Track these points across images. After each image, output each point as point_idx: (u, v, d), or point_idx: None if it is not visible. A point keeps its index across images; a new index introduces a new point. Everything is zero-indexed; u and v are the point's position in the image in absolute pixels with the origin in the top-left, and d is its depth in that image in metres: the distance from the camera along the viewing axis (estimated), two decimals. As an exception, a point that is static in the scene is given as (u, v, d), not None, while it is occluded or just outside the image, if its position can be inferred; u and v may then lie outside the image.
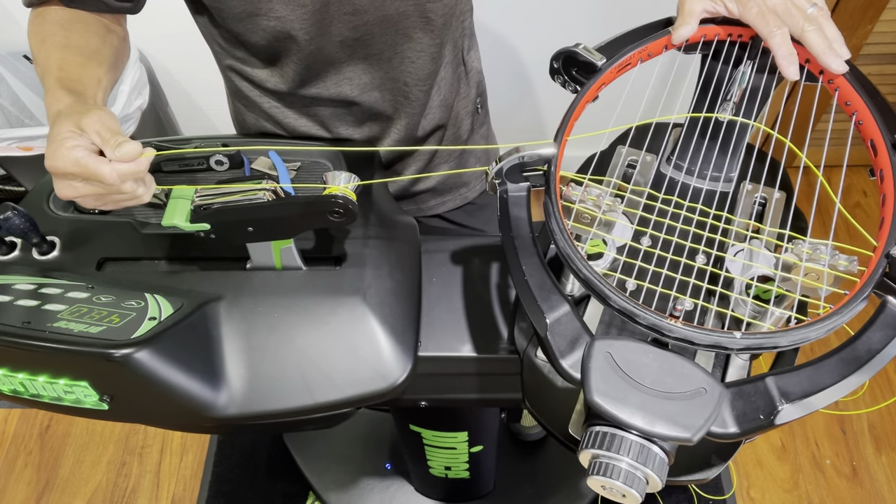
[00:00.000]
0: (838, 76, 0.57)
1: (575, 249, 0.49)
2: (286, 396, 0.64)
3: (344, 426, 0.80)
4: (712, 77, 0.63)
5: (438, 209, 1.03)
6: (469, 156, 1.01)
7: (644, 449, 0.44)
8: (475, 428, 1.06)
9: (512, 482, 1.39)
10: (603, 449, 0.44)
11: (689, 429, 0.43)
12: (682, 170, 0.69)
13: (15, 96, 1.83)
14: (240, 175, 0.80)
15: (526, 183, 0.56)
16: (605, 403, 0.44)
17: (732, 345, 0.45)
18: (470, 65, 0.92)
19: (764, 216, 0.67)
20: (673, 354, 0.46)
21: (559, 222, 0.51)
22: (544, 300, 0.49)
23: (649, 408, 0.43)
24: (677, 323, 0.46)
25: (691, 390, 0.44)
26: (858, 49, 1.74)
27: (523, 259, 0.52)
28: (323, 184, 0.65)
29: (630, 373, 0.45)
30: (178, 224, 0.62)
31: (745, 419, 0.44)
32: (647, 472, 0.43)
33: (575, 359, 0.47)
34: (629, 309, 0.47)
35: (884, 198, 0.53)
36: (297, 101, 0.83)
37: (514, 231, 0.53)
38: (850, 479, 1.56)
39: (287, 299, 0.66)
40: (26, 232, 0.66)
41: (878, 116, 0.56)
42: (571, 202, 0.56)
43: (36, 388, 0.63)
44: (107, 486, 1.59)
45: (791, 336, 0.45)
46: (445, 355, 0.72)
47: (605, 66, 0.60)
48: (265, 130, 0.89)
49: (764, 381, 0.45)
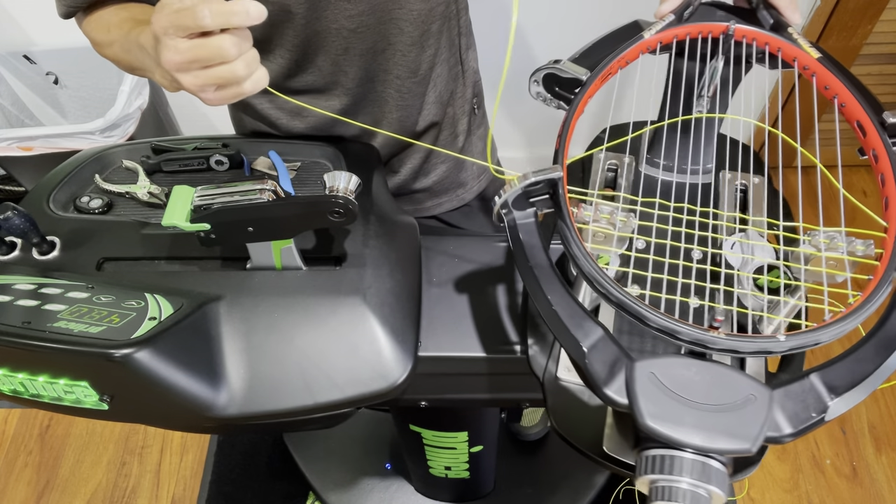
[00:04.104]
0: (813, 62, 0.58)
1: (603, 273, 0.48)
2: (286, 396, 0.64)
3: (344, 426, 0.80)
4: (683, 74, 0.64)
5: (435, 210, 1.03)
6: (465, 156, 1.00)
7: (703, 466, 0.42)
8: (475, 428, 1.06)
9: (512, 482, 1.39)
10: (661, 473, 0.43)
11: (748, 439, 0.42)
12: (662, 167, 0.70)
13: (15, 96, 1.83)
14: (240, 175, 0.80)
15: (532, 209, 0.54)
16: (661, 427, 0.42)
17: (777, 348, 0.45)
18: (467, 64, 0.91)
19: (747, 202, 0.68)
20: (715, 365, 0.45)
21: (580, 247, 0.49)
22: (577, 328, 0.47)
23: (704, 424, 0.42)
24: (721, 334, 0.45)
25: (741, 399, 0.43)
26: (858, 49, 1.74)
27: (547, 289, 0.50)
28: (323, 184, 0.65)
29: (678, 391, 0.44)
30: (178, 224, 0.62)
31: (797, 419, 0.44)
32: (709, 488, 0.42)
33: (618, 384, 0.45)
34: (669, 327, 0.45)
35: (882, 178, 0.53)
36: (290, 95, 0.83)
37: (530, 260, 0.51)
38: (850, 479, 1.56)
39: (287, 299, 0.66)
40: (26, 232, 0.66)
41: (859, 97, 0.56)
42: (585, 223, 0.54)
43: (36, 388, 0.63)
44: (107, 486, 1.59)
45: (831, 331, 0.45)
46: (445, 355, 0.72)
47: (590, 80, 0.59)
48: (260, 130, 0.89)
49: (808, 379, 0.45)
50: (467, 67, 0.92)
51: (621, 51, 0.60)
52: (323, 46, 0.76)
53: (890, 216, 0.51)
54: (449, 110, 0.92)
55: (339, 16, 0.72)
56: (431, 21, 0.78)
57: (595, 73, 0.60)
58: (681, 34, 0.62)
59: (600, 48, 0.63)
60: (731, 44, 0.62)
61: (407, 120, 0.87)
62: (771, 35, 0.60)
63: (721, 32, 0.62)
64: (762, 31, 0.61)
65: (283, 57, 0.77)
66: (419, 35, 0.78)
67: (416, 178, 0.97)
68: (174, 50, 0.52)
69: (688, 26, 0.62)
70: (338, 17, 0.73)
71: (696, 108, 0.66)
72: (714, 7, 0.64)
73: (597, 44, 0.64)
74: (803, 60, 0.59)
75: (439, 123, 0.92)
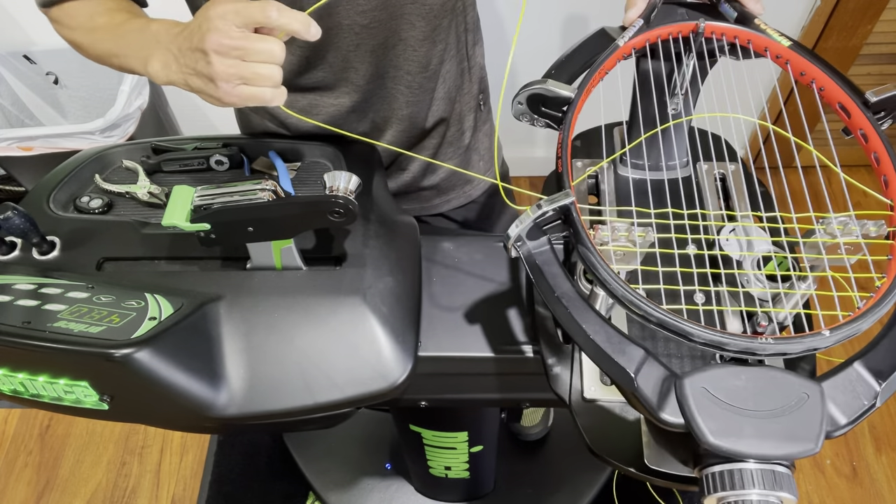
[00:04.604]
0: (785, 50, 0.59)
1: (638, 294, 0.46)
2: (286, 396, 0.64)
3: (344, 426, 0.80)
4: (656, 74, 0.64)
5: (442, 207, 1.03)
6: (473, 153, 1.00)
7: (768, 473, 0.42)
8: (475, 428, 1.06)
9: (512, 482, 1.39)
10: (729, 489, 0.42)
11: (811, 439, 0.41)
12: (638, 167, 0.71)
13: (15, 96, 1.83)
14: (240, 175, 0.80)
15: (545, 237, 0.53)
16: (725, 443, 0.41)
17: (824, 343, 0.44)
18: (473, 60, 0.92)
19: (728, 190, 0.70)
20: (761, 369, 0.45)
21: (610, 272, 0.47)
22: (620, 354, 0.46)
23: (766, 432, 0.42)
24: (769, 339, 0.44)
25: (795, 400, 0.43)
26: (858, 49, 1.74)
27: (580, 318, 0.48)
28: (323, 184, 0.65)
29: (733, 402, 0.43)
30: (178, 224, 0.62)
31: (851, 409, 0.43)
32: (780, 495, 0.42)
33: (672, 405, 0.44)
34: (716, 340, 0.44)
35: (877, 157, 0.53)
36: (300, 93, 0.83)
37: (556, 290, 0.50)
38: (850, 479, 1.56)
39: (287, 299, 0.66)
40: (26, 232, 0.66)
41: (836, 79, 0.56)
42: (604, 243, 0.53)
43: (36, 388, 0.63)
44: (107, 486, 1.59)
45: (869, 317, 0.45)
46: (445, 355, 0.72)
47: (577, 97, 0.59)
48: (268, 129, 0.89)
49: (853, 367, 0.45)
50: (474, 63, 0.92)
51: (601, 62, 0.60)
52: (334, 42, 0.76)
53: (892, 193, 0.51)
54: (456, 106, 0.92)
55: (351, 11, 0.72)
56: (443, 16, 0.78)
57: (581, 88, 0.59)
58: (652, 37, 0.62)
59: (574, 61, 0.63)
60: (702, 41, 0.62)
61: (416, 116, 0.87)
62: (739, 28, 0.61)
63: (690, 31, 0.62)
64: (731, 25, 0.62)
65: (293, 53, 0.77)
66: (430, 30, 0.78)
67: (424, 174, 0.97)
68: (224, 33, 0.53)
69: (658, 29, 0.62)
70: (350, 13, 0.73)
71: (670, 107, 0.67)
72: (675, 5, 0.65)
73: (569, 57, 0.64)
74: (775, 49, 0.59)
75: (447, 119, 0.92)
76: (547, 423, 1.46)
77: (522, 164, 2.04)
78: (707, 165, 0.72)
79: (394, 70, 0.81)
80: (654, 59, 0.64)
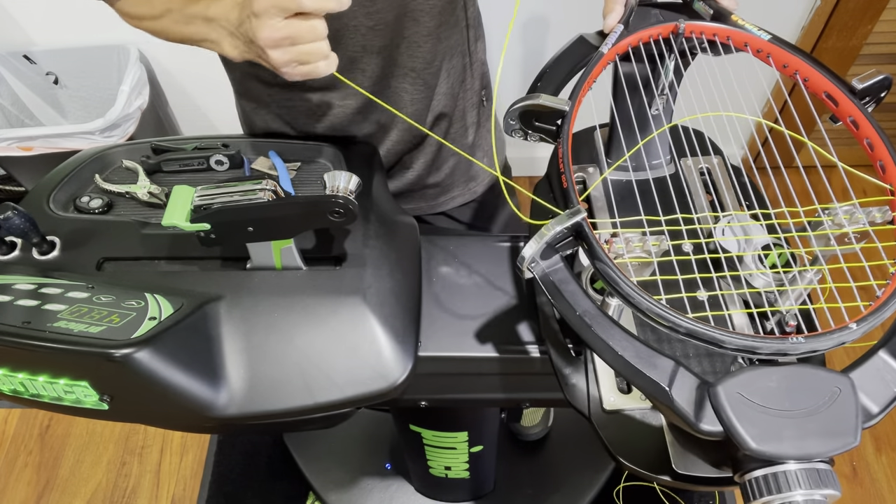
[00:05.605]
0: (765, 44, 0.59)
1: (664, 307, 0.45)
2: (286, 396, 0.64)
3: (344, 426, 0.80)
4: (642, 77, 0.65)
5: (446, 206, 1.03)
6: (476, 150, 1.00)
7: (812, 472, 0.41)
8: (475, 428, 1.06)
9: (512, 482, 1.39)
10: (773, 493, 0.41)
11: (850, 433, 0.41)
12: (624, 168, 0.71)
13: (15, 96, 1.83)
14: (240, 175, 0.80)
15: (557, 255, 0.52)
16: (769, 447, 0.41)
17: (852, 336, 0.44)
18: (475, 56, 0.92)
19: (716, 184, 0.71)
20: (791, 368, 0.44)
21: (633, 286, 0.46)
22: (651, 368, 0.45)
23: (805, 431, 0.41)
24: (799, 337, 0.44)
25: (828, 395, 0.42)
26: (858, 49, 1.74)
27: (605, 335, 0.47)
28: (323, 184, 0.65)
29: (769, 405, 0.42)
30: (178, 224, 0.62)
31: (882, 397, 0.43)
32: (824, 492, 0.41)
33: (708, 414, 0.43)
34: (749, 345, 0.44)
35: (870, 142, 0.53)
36: (306, 93, 0.83)
37: (577, 309, 0.49)
38: (850, 479, 1.56)
39: (287, 299, 0.66)
40: (26, 232, 0.66)
41: (820, 69, 0.57)
42: (619, 255, 0.52)
43: (36, 388, 0.63)
44: (107, 486, 1.59)
45: (892, 305, 0.45)
46: (445, 355, 0.72)
47: (571, 109, 0.58)
48: (273, 130, 0.89)
49: (878, 356, 0.45)
50: (475, 59, 0.92)
51: (588, 71, 0.60)
52: (340, 44, 0.76)
53: (890, 178, 0.50)
54: (459, 102, 0.92)
55: (357, 13, 0.73)
56: (448, 12, 0.78)
57: (574, 100, 0.59)
58: (634, 41, 0.62)
59: (558, 71, 0.64)
60: (683, 41, 0.63)
61: (420, 113, 0.87)
62: (718, 25, 0.62)
63: (671, 32, 0.63)
64: (710, 24, 0.62)
65: None
66: (435, 26, 0.79)
67: (429, 172, 0.97)
68: (272, 28, 0.57)
69: (639, 32, 0.62)
70: (356, 14, 0.73)
71: (653, 108, 0.68)
72: (649, 7, 0.65)
73: (552, 67, 0.64)
74: (755, 44, 0.60)
75: (450, 116, 0.92)
76: (547, 423, 1.46)
77: (523, 165, 2.05)
78: (691, 160, 0.73)
79: (399, 69, 0.81)
80: (638, 62, 0.64)
